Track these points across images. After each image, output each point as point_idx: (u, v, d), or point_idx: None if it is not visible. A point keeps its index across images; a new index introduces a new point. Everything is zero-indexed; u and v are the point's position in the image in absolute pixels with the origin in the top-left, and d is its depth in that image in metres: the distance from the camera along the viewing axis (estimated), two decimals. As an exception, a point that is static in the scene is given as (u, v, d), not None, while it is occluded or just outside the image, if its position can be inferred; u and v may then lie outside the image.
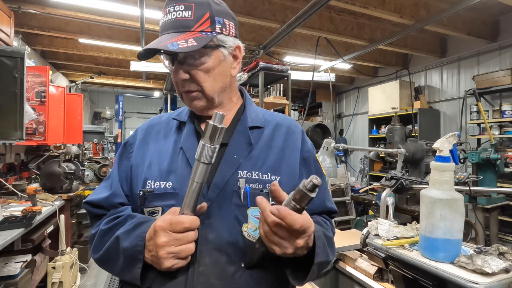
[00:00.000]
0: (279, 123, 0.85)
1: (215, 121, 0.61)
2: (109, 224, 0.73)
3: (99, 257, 0.72)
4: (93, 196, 0.80)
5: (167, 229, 0.62)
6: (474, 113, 4.36)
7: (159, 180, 0.74)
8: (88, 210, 0.80)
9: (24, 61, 2.39)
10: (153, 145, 0.82)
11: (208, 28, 0.72)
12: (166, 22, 0.73)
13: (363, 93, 7.04)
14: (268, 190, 0.73)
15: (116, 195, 0.78)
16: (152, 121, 0.89)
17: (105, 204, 0.78)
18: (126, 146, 0.86)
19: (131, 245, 0.66)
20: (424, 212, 1.05)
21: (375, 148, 4.87)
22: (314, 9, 3.09)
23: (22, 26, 4.10)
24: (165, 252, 0.62)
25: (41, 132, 3.05)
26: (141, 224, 0.69)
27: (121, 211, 0.77)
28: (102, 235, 0.73)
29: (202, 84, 0.74)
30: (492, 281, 0.86)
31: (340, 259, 1.69)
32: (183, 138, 0.79)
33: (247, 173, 0.74)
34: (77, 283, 2.84)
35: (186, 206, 0.64)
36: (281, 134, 0.83)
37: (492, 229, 2.93)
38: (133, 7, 3.45)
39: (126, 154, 0.84)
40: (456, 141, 1.12)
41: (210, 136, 0.61)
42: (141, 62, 4.89)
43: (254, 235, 0.70)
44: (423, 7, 3.74)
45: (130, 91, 10.91)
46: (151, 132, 0.85)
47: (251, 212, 0.72)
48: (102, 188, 0.82)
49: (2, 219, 1.97)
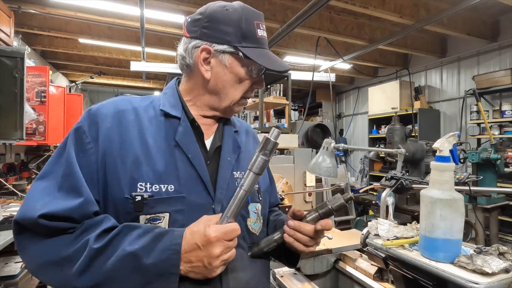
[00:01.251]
0: (245, 127, 0.96)
1: (273, 136, 0.66)
2: (101, 240, 0.60)
3: (95, 281, 0.59)
4: (51, 206, 0.60)
5: (222, 238, 0.62)
6: (474, 113, 4.36)
7: (157, 182, 0.67)
8: (44, 226, 0.60)
9: (24, 61, 2.39)
10: (133, 138, 0.69)
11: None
12: (264, 37, 0.78)
13: (363, 93, 7.04)
14: (256, 188, 0.84)
15: (90, 202, 0.64)
16: (118, 105, 0.74)
17: (77, 215, 0.62)
18: (80, 135, 0.68)
19: (159, 260, 0.59)
20: (424, 212, 1.05)
21: (375, 148, 4.87)
22: (314, 9, 3.09)
23: (22, 26, 4.10)
24: (219, 261, 0.62)
25: (41, 132, 3.05)
26: (162, 235, 0.62)
27: (100, 221, 0.64)
28: (95, 254, 0.59)
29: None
30: (492, 281, 0.86)
31: (340, 259, 1.70)
32: (180, 135, 0.73)
33: (240, 173, 0.81)
34: (77, 283, 2.84)
35: (231, 213, 0.66)
36: (250, 137, 0.95)
37: (492, 229, 2.93)
38: (133, 7, 3.45)
39: (83, 145, 0.67)
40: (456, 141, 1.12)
41: (270, 151, 0.66)
42: (141, 62, 4.89)
43: (255, 228, 0.81)
44: (423, 7, 3.74)
45: (130, 91, 10.89)
46: (122, 120, 0.71)
47: (251, 208, 0.81)
48: (50, 193, 0.63)
49: (2, 219, 1.97)
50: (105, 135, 0.68)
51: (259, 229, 0.83)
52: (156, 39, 4.83)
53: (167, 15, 3.74)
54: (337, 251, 1.68)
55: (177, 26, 4.02)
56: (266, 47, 0.78)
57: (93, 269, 0.59)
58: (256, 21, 0.75)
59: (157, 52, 5.48)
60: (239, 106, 0.81)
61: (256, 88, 0.81)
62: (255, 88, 0.81)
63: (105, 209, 0.67)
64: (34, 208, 0.61)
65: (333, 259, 1.69)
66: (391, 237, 1.18)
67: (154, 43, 4.84)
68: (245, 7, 0.76)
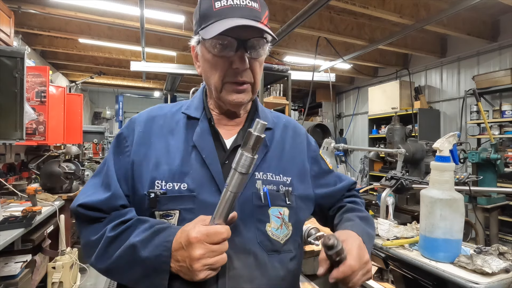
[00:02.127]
0: (285, 124, 0.87)
1: (257, 130, 0.58)
2: (116, 230, 0.66)
3: (106, 266, 0.66)
4: (88, 198, 0.70)
5: (204, 240, 0.59)
6: (474, 113, 4.36)
7: (171, 181, 0.70)
8: (82, 214, 0.70)
9: (24, 61, 2.39)
10: (158, 140, 0.75)
11: (268, 24, 0.73)
12: (233, 6, 0.68)
13: (363, 93, 7.04)
14: (283, 191, 0.75)
15: (117, 196, 0.71)
16: (151, 112, 0.81)
17: (105, 207, 0.70)
18: (121, 139, 0.77)
19: (153, 255, 0.61)
20: (424, 212, 1.05)
21: (375, 148, 4.87)
22: (314, 9, 3.09)
23: (22, 26, 4.10)
24: (200, 264, 0.58)
25: (41, 132, 3.05)
26: (160, 231, 0.64)
27: (125, 213, 0.70)
28: (109, 242, 0.66)
29: (256, 76, 0.74)
30: (492, 281, 0.86)
31: (340, 259, 1.69)
32: (197, 136, 0.74)
33: (263, 174, 0.74)
34: (77, 283, 2.84)
35: (219, 215, 0.61)
36: (289, 136, 0.85)
37: (492, 229, 2.93)
38: (133, 7, 3.45)
39: (121, 148, 0.75)
40: (456, 141, 1.12)
41: (253, 146, 0.58)
42: (141, 62, 4.90)
43: (277, 234, 0.72)
44: (423, 7, 3.74)
45: (130, 91, 10.90)
46: (151, 125, 0.77)
47: (272, 212, 0.73)
48: (95, 187, 0.73)
49: (2, 219, 1.97)
50: (137, 139, 0.75)
51: (284, 236, 0.73)
52: (156, 39, 4.83)
53: (167, 15, 3.74)
54: (337, 251, 1.68)
55: (177, 26, 4.02)
56: (225, 17, 0.67)
57: (106, 256, 0.65)
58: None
59: (157, 52, 5.49)
60: (229, 94, 0.73)
61: (235, 68, 0.70)
62: (235, 69, 0.70)
63: (133, 204, 0.73)
64: (78, 200, 0.72)
65: (333, 259, 1.69)
66: (391, 237, 1.18)
67: (154, 43, 4.85)
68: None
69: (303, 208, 0.80)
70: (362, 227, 0.76)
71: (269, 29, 0.70)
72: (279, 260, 0.72)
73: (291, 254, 0.75)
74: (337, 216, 0.86)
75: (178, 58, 5.80)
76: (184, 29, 4.00)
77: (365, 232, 0.75)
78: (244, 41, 0.69)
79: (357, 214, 0.82)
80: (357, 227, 0.75)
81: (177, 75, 5.95)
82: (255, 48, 0.71)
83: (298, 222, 0.78)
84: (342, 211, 0.86)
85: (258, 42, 0.71)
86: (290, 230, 0.75)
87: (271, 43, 0.76)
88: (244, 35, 0.68)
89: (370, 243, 0.76)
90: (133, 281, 0.65)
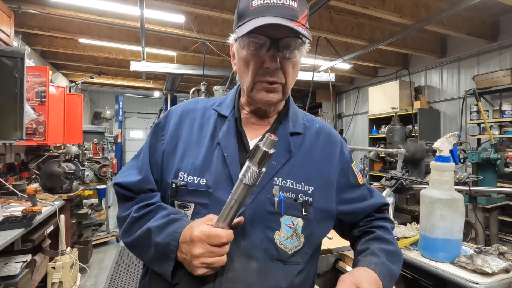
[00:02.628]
0: (318, 130, 0.84)
1: (266, 145, 0.57)
2: (139, 212, 0.73)
3: (129, 242, 0.74)
4: (123, 178, 0.79)
5: (204, 241, 0.61)
6: (474, 113, 4.36)
7: (193, 174, 0.73)
8: (117, 191, 0.80)
9: (24, 61, 2.39)
10: (187, 133, 0.79)
11: (306, 24, 0.71)
12: (269, 5, 0.67)
13: (363, 93, 7.04)
14: (301, 200, 0.73)
15: (146, 181, 0.77)
16: (187, 105, 0.85)
17: (135, 188, 0.77)
18: (158, 128, 0.82)
19: (164, 242, 0.66)
20: (424, 212, 1.05)
21: (375, 148, 4.87)
22: (314, 9, 3.09)
23: (22, 26, 4.10)
24: (199, 262, 0.62)
25: (41, 132, 3.05)
26: (174, 221, 0.69)
27: (150, 197, 0.76)
28: (132, 221, 0.73)
29: (288, 77, 0.72)
30: (492, 281, 0.86)
31: (340, 259, 1.69)
32: (222, 134, 0.76)
33: (282, 180, 0.73)
34: (77, 283, 2.84)
35: (223, 219, 0.63)
36: (320, 143, 0.82)
37: (492, 229, 2.93)
38: (133, 7, 3.45)
39: (158, 137, 0.81)
40: (456, 141, 1.12)
41: (259, 161, 0.58)
42: (141, 62, 4.89)
43: (285, 244, 0.71)
44: (423, 7, 3.74)
45: (130, 91, 10.90)
46: (185, 118, 0.81)
47: (284, 221, 0.71)
48: (130, 169, 0.81)
49: (2, 219, 1.97)
50: (170, 129, 0.80)
51: (294, 247, 0.72)
52: (156, 39, 4.83)
53: (167, 15, 3.74)
54: (337, 251, 1.68)
55: (177, 26, 4.02)
56: (260, 15, 0.67)
57: (130, 232, 0.73)
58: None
59: (157, 52, 5.48)
60: (259, 92, 0.72)
61: (267, 67, 0.69)
62: (266, 68, 0.69)
63: (160, 189, 0.78)
64: (116, 177, 0.81)
65: (333, 259, 1.69)
66: (391, 237, 1.18)
67: (154, 43, 4.84)
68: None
69: (322, 222, 0.77)
70: (386, 267, 0.72)
71: (306, 29, 0.68)
72: (283, 270, 0.70)
73: (299, 267, 0.73)
74: (362, 242, 0.81)
75: (178, 58, 5.80)
76: (184, 29, 3.99)
77: (388, 274, 0.71)
78: (277, 41, 0.68)
79: (384, 248, 0.76)
80: (381, 266, 0.71)
81: (177, 75, 5.95)
82: (288, 48, 0.69)
83: (313, 235, 0.75)
84: (369, 239, 0.80)
85: (292, 42, 0.69)
86: (301, 242, 0.73)
87: (309, 44, 0.74)
88: (277, 34, 0.67)
89: (391, 283, 0.72)
90: (148, 261, 0.72)
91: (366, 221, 0.85)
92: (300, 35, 0.68)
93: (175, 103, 7.47)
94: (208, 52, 4.69)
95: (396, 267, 0.75)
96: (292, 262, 0.72)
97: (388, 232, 0.82)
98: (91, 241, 3.81)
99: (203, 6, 3.50)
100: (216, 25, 4.23)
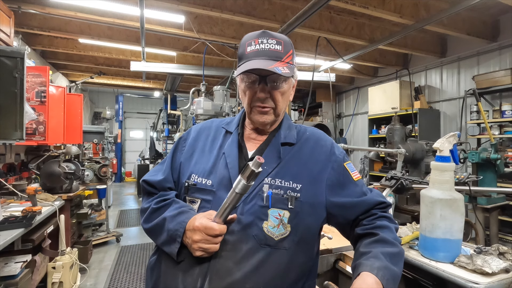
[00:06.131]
0: (308, 137, 0.99)
1: (254, 165, 0.74)
2: (158, 204, 0.93)
3: (148, 228, 0.93)
4: (150, 177, 1.00)
5: (202, 231, 0.80)
6: (474, 113, 4.36)
7: (202, 176, 0.92)
8: (143, 186, 1.00)
9: (24, 61, 2.39)
10: (202, 145, 1.00)
11: (291, 61, 0.91)
12: (259, 50, 0.89)
13: (363, 93, 7.04)
14: (288, 196, 0.87)
15: (167, 180, 0.98)
16: (204, 124, 1.08)
17: (158, 186, 0.98)
18: (181, 141, 1.05)
19: (174, 228, 0.85)
20: (424, 212, 1.05)
21: (375, 148, 4.87)
22: (314, 9, 3.09)
23: (22, 26, 4.10)
24: (197, 246, 0.80)
25: (41, 132, 3.04)
26: (183, 213, 0.87)
27: (168, 194, 0.96)
28: (152, 212, 0.92)
29: (277, 103, 0.91)
30: (492, 281, 0.86)
31: (340, 259, 1.69)
32: (227, 145, 0.96)
33: (271, 180, 0.88)
34: (77, 283, 2.84)
35: (219, 216, 0.80)
36: (309, 147, 0.97)
37: (492, 229, 2.92)
38: (133, 7, 3.45)
39: (180, 147, 1.03)
40: (456, 141, 1.12)
41: (248, 177, 0.75)
42: (141, 62, 4.90)
43: (272, 231, 0.85)
44: (423, 7, 3.74)
45: (130, 91, 10.91)
46: (201, 134, 1.04)
47: (271, 212, 0.86)
48: (157, 171, 1.02)
49: (2, 219, 1.97)
50: (190, 141, 1.03)
51: (280, 235, 0.85)
52: (156, 39, 4.83)
53: (167, 15, 3.74)
54: (337, 251, 1.68)
55: (177, 26, 4.02)
56: (253, 58, 0.88)
57: (149, 220, 0.92)
58: (248, 41, 0.90)
59: (157, 52, 5.49)
60: (256, 114, 0.92)
61: (258, 97, 0.90)
62: (258, 97, 0.90)
63: (177, 188, 0.99)
64: (145, 176, 1.02)
65: (333, 259, 1.69)
66: (391, 237, 1.18)
67: (154, 43, 4.85)
68: (246, 36, 0.92)
69: (310, 213, 0.89)
70: (390, 271, 0.77)
71: (288, 66, 0.88)
72: (270, 253, 0.84)
73: (284, 251, 0.85)
74: (365, 244, 0.86)
75: (178, 58, 5.80)
76: (184, 29, 4.00)
77: (391, 277, 0.77)
78: (264, 77, 0.88)
79: (388, 251, 0.82)
80: (383, 271, 0.76)
81: (177, 75, 5.96)
82: (274, 81, 0.89)
83: (301, 225, 0.87)
84: (372, 241, 0.86)
85: (275, 78, 0.88)
86: (287, 231, 0.86)
87: (296, 68, 0.96)
88: (264, 72, 0.86)
89: (394, 286, 0.77)
90: (160, 243, 0.89)
91: (369, 220, 0.91)
92: (280, 74, 0.85)
93: (175, 103, 7.48)
94: (208, 52, 4.69)
95: (398, 268, 0.81)
96: (279, 247, 0.84)
97: (391, 233, 0.88)
98: (91, 241, 3.81)
99: (203, 6, 3.51)
100: (216, 25, 4.23)
